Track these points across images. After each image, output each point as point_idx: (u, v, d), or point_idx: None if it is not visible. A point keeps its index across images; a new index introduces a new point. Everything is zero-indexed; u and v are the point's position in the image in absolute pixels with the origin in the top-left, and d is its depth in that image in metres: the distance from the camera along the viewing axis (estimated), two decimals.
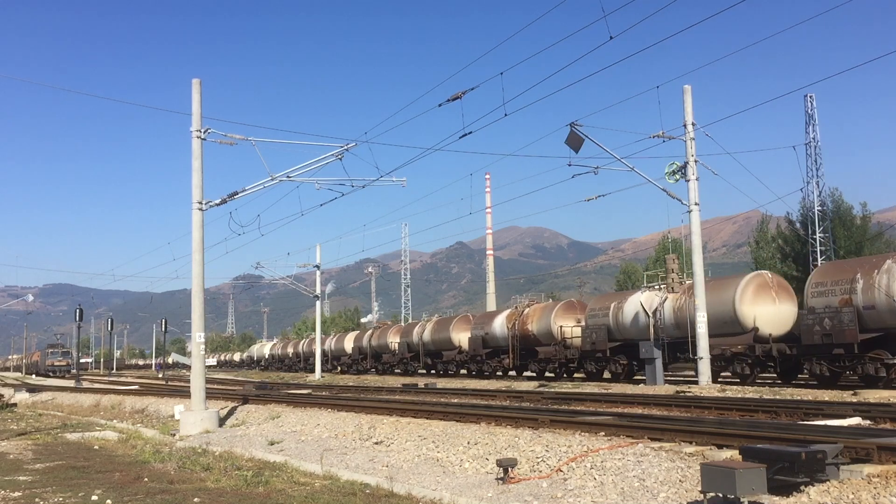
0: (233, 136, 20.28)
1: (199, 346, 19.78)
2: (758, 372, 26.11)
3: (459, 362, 43.75)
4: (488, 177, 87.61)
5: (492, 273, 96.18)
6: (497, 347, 39.61)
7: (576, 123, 24.65)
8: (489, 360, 40.10)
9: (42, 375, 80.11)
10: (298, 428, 17.20)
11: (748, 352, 25.50)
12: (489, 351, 40.15)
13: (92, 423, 22.19)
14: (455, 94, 18.92)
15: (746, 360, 25.63)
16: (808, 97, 60.33)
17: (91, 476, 11.33)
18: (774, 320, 25.81)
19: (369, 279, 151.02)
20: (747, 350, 25.53)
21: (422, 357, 47.91)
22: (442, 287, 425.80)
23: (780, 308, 26.17)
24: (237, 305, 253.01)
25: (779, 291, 26.51)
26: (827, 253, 55.98)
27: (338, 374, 58.14)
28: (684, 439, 10.29)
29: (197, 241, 19.77)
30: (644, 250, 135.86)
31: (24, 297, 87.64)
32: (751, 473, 6.82)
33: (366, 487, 9.73)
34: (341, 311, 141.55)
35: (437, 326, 47.45)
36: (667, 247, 63.42)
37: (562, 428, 12.25)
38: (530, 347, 36.83)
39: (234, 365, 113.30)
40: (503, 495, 9.08)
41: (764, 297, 26.11)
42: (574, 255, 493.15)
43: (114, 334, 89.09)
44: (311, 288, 56.20)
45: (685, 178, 26.38)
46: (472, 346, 41.36)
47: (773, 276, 27.79)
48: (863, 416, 13.22)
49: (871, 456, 8.06)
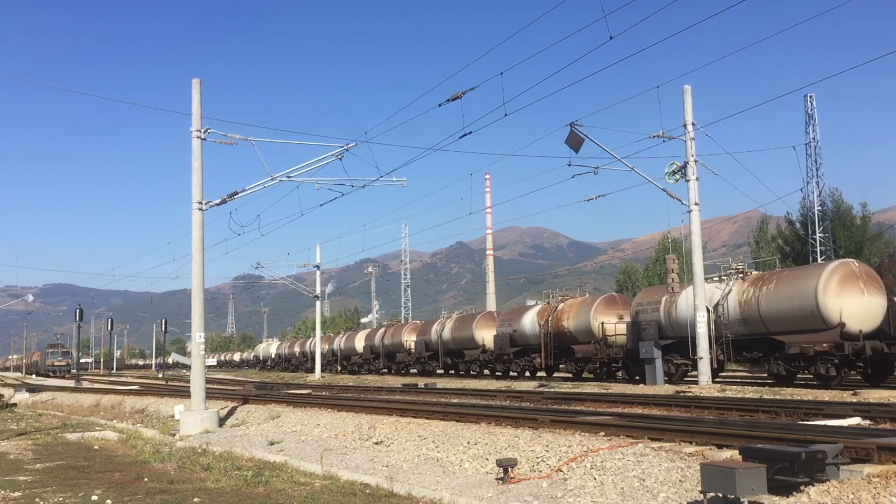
0: (233, 136, 20.28)
1: (199, 346, 19.78)
2: (845, 373, 23.37)
3: (483, 362, 41.41)
4: (488, 177, 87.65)
5: (492, 273, 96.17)
6: (526, 346, 37.24)
7: (576, 123, 24.67)
8: (517, 360, 37.74)
9: (42, 375, 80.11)
10: (298, 428, 17.20)
11: (834, 350, 22.70)
12: (517, 350, 37.75)
13: (92, 423, 22.19)
14: (455, 94, 18.93)
15: (832, 360, 22.83)
16: (808, 97, 60.28)
17: (91, 476, 11.33)
18: (863, 315, 23.14)
19: (369, 279, 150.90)
20: (833, 348, 22.72)
21: (441, 356, 45.49)
22: (442, 287, 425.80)
23: (870, 301, 23.47)
24: (237, 305, 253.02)
25: (867, 282, 23.78)
26: (827, 253, 55.95)
27: (338, 374, 58.07)
28: (684, 439, 10.29)
29: (197, 241, 19.77)
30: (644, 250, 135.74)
31: (24, 297, 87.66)
32: (751, 473, 6.82)
33: (366, 487, 9.73)
34: (341, 311, 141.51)
35: (459, 324, 44.70)
36: (667, 247, 63.37)
37: (562, 428, 12.25)
38: (565, 346, 34.41)
39: (234, 365, 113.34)
40: (503, 495, 9.08)
41: (851, 289, 23.36)
42: (574, 255, 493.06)
43: (114, 334, 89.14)
44: (311, 288, 56.23)
45: (685, 178, 26.40)
46: (499, 344, 38.91)
47: (860, 264, 24.97)
48: (863, 416, 13.23)
49: (871, 456, 8.05)
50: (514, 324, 38.18)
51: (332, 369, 62.22)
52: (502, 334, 38.82)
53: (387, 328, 56.85)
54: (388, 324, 60.11)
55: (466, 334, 43.19)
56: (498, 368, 39.79)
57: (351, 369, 59.22)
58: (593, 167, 26.20)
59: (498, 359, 39.29)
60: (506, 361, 38.73)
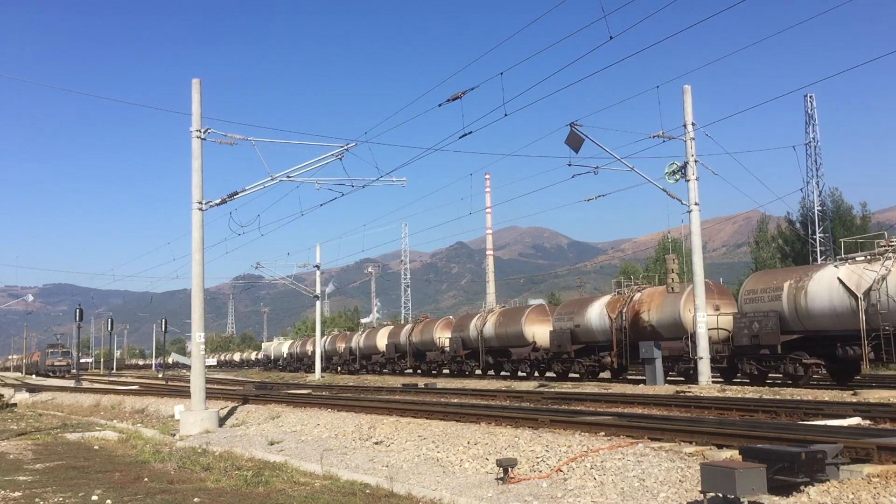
0: (233, 136, 20.28)
1: (199, 346, 19.78)
2: None
3: (535, 361, 36.90)
4: (488, 177, 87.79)
5: (492, 273, 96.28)
6: (592, 342, 32.90)
7: (576, 123, 24.67)
8: (580, 359, 33.40)
9: (42, 375, 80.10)
10: (298, 428, 17.20)
11: None
12: (580, 347, 33.48)
13: (92, 423, 22.19)
14: (455, 94, 18.92)
15: None
16: (808, 97, 60.36)
17: (91, 476, 11.33)
18: None
19: (369, 279, 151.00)
20: None
21: (482, 355, 40.70)
22: (442, 287, 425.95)
23: None
24: (237, 305, 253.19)
25: None
26: (827, 253, 55.96)
27: (337, 375, 58.03)
28: (684, 439, 10.28)
29: (197, 241, 19.77)
30: (644, 250, 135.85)
31: (24, 297, 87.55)
32: (751, 473, 6.82)
33: (366, 487, 9.74)
34: (341, 311, 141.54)
35: (504, 318, 39.73)
36: (667, 247, 63.47)
37: (562, 428, 12.25)
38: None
39: (234, 365, 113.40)
40: (503, 495, 9.08)
41: None
42: (574, 255, 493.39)
43: (114, 334, 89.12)
44: (311, 288, 56.22)
45: (685, 178, 26.41)
46: (556, 341, 34.39)
47: None
48: (863, 416, 13.22)
49: (871, 456, 8.05)
50: (575, 318, 33.70)
51: (349, 369, 59.56)
52: (561, 330, 34.30)
53: (415, 324, 52.47)
54: (420, 319, 54.12)
55: (514, 330, 38.27)
56: (555, 369, 35.35)
57: (371, 369, 55.93)
58: (593, 167, 26.21)
59: (555, 358, 34.84)
60: (566, 360, 34.33)
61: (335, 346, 64.17)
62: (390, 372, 52.31)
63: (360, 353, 58.28)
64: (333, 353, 63.73)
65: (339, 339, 65.10)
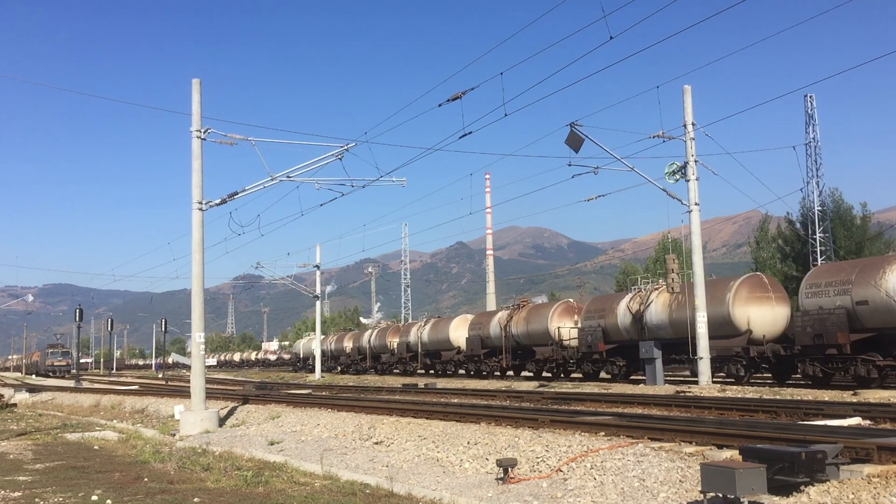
0: (233, 136, 20.28)
1: (199, 346, 19.78)
2: None
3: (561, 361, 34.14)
4: (488, 177, 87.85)
5: (492, 273, 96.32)
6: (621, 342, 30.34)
7: (576, 123, 24.65)
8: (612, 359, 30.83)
9: (42, 375, 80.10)
10: (298, 428, 17.19)
11: None
12: (612, 347, 30.77)
13: (92, 423, 22.18)
14: (455, 94, 18.91)
15: None
16: (808, 97, 60.33)
17: (91, 476, 11.32)
18: None
19: (369, 279, 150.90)
20: None
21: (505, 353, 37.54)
22: (442, 287, 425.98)
23: None
24: (237, 305, 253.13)
25: None
26: (827, 253, 55.96)
27: (337, 375, 57.97)
28: (684, 439, 10.28)
29: (197, 241, 19.77)
30: (644, 250, 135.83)
31: (24, 297, 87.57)
32: (751, 473, 6.82)
33: (366, 487, 9.73)
34: (341, 310, 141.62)
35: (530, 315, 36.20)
36: (667, 247, 63.40)
37: (562, 428, 12.25)
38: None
39: (234, 365, 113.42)
40: (503, 495, 9.08)
41: None
42: (574, 255, 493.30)
43: (114, 334, 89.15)
44: (311, 288, 56.22)
45: (685, 178, 26.39)
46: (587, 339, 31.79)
47: None
48: (863, 416, 13.23)
49: (871, 456, 8.05)
50: (607, 316, 31.50)
51: (357, 369, 56.86)
52: (591, 328, 31.76)
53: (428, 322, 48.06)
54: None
55: (539, 327, 36.20)
56: (584, 369, 32.99)
57: (381, 369, 53.76)
58: (593, 167, 26.19)
59: (585, 358, 32.51)
60: (596, 361, 32.12)
61: (342, 346, 62.72)
62: (401, 373, 50.48)
63: (371, 353, 56.60)
64: (340, 352, 62.41)
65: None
